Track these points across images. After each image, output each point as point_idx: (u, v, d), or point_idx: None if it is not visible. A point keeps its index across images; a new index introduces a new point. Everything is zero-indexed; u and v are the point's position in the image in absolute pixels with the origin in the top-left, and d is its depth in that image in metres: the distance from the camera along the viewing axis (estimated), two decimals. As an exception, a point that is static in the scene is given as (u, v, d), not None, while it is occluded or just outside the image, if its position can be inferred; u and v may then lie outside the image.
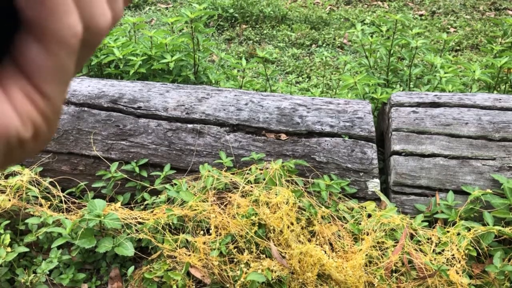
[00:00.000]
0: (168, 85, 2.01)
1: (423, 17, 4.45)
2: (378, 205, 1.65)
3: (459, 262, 1.43)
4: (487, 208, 1.55)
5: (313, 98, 1.94)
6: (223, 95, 1.93)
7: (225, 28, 4.14)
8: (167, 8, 4.66)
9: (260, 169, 1.64)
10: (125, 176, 1.75)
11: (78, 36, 0.21)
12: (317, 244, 1.48)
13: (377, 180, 1.68)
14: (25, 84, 0.21)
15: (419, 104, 1.85)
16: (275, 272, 1.40)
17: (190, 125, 1.81)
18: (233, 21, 4.23)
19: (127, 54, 2.26)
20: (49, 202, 1.68)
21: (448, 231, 1.51)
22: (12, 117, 0.21)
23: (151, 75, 2.33)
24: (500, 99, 1.83)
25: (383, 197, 1.65)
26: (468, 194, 1.59)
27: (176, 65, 2.28)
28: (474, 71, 2.18)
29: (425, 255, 1.46)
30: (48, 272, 1.53)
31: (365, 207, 1.61)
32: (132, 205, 1.70)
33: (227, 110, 1.85)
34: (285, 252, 1.44)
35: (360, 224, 1.56)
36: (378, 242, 1.49)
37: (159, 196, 1.67)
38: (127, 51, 2.25)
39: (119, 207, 1.60)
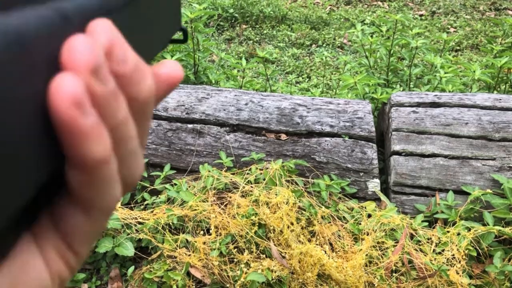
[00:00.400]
0: (168, 85, 2.01)
1: (423, 17, 4.45)
2: (378, 205, 1.65)
3: (459, 262, 1.43)
4: (487, 208, 1.55)
5: (313, 98, 1.93)
6: (223, 95, 1.93)
7: (225, 28, 4.14)
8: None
9: (260, 169, 1.64)
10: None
11: (119, 199, 0.22)
12: (317, 244, 1.48)
13: (377, 180, 1.68)
14: (60, 244, 0.21)
15: (419, 104, 1.85)
16: (275, 272, 1.40)
17: (190, 125, 1.81)
18: (233, 21, 4.23)
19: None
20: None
21: (448, 231, 1.51)
22: (44, 277, 0.21)
23: (151, 75, 2.32)
24: (500, 99, 1.83)
25: (383, 197, 1.65)
26: (468, 194, 1.59)
27: (176, 65, 2.28)
28: (474, 71, 2.18)
29: (425, 255, 1.46)
30: (48, 272, 1.53)
31: (365, 207, 1.61)
32: (132, 205, 1.70)
33: (227, 110, 1.85)
34: (285, 252, 1.44)
35: (360, 224, 1.56)
36: (378, 242, 1.49)
37: (159, 196, 1.67)
38: (127, 51, 2.25)
39: (119, 207, 1.60)
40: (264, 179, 1.59)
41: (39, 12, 0.17)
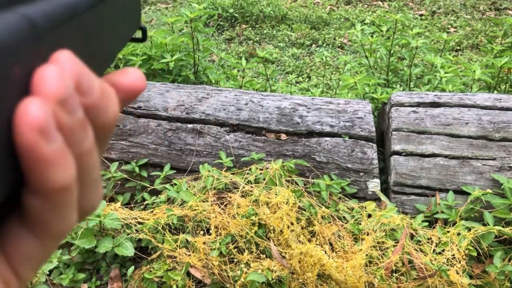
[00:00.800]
0: (168, 85, 2.01)
1: (423, 17, 4.45)
2: (378, 205, 1.65)
3: (459, 262, 1.43)
4: (487, 208, 1.55)
5: (313, 98, 1.93)
6: (223, 95, 1.93)
7: (225, 28, 4.13)
8: (167, 8, 4.66)
9: (260, 169, 1.64)
10: (125, 176, 1.74)
11: (73, 226, 0.21)
12: (317, 244, 1.48)
13: (377, 180, 1.68)
14: (3, 266, 0.20)
15: (419, 104, 1.85)
16: (275, 272, 1.40)
17: (190, 125, 1.81)
18: (233, 21, 4.23)
19: (127, 54, 2.26)
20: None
21: (448, 231, 1.51)
22: None
23: (151, 75, 2.32)
24: (500, 99, 1.83)
25: (383, 197, 1.65)
26: (468, 194, 1.59)
27: (176, 65, 2.28)
28: (474, 71, 2.17)
29: (425, 255, 1.46)
30: (48, 272, 1.53)
31: (365, 207, 1.61)
32: (132, 205, 1.70)
33: (227, 110, 1.84)
34: (285, 252, 1.44)
35: (360, 224, 1.56)
36: (378, 242, 1.49)
37: (159, 196, 1.67)
38: (127, 51, 2.25)
39: (119, 207, 1.60)
40: (264, 179, 1.59)
41: (7, 18, 0.16)
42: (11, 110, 0.17)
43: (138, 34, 0.38)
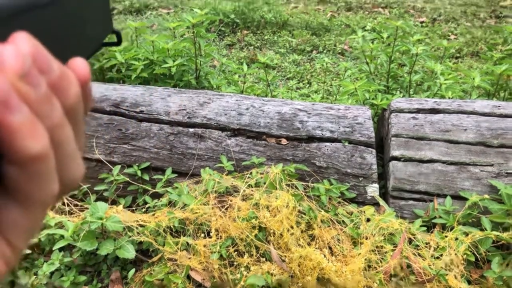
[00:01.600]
0: (170, 90, 2.03)
1: (424, 24, 4.48)
2: (377, 209, 1.66)
3: (457, 267, 1.44)
4: (485, 214, 1.56)
5: (313, 104, 1.95)
6: (225, 100, 1.95)
7: (227, 34, 4.16)
8: (168, 13, 4.69)
9: (261, 173, 1.65)
10: (127, 179, 1.76)
11: (56, 195, 0.23)
12: (316, 248, 1.49)
13: (376, 185, 1.70)
14: None
15: (418, 110, 1.87)
16: (275, 275, 1.41)
17: (191, 129, 1.83)
18: (234, 26, 4.26)
19: (129, 58, 2.29)
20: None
21: (446, 236, 1.52)
22: None
23: (153, 79, 2.35)
24: (499, 106, 1.85)
25: (381, 202, 1.67)
26: (466, 199, 1.60)
27: (178, 70, 2.30)
28: (473, 78, 2.19)
29: (423, 260, 1.47)
30: (49, 274, 1.54)
31: (364, 212, 1.62)
32: (134, 208, 1.72)
33: (229, 115, 1.86)
34: (285, 256, 1.46)
35: (359, 228, 1.58)
36: (377, 247, 1.50)
37: (160, 199, 1.68)
38: (129, 55, 2.27)
39: (121, 210, 1.62)
40: (264, 183, 1.61)
41: None
42: None
43: (113, 38, 0.39)
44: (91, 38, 0.34)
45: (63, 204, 1.71)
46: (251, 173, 1.67)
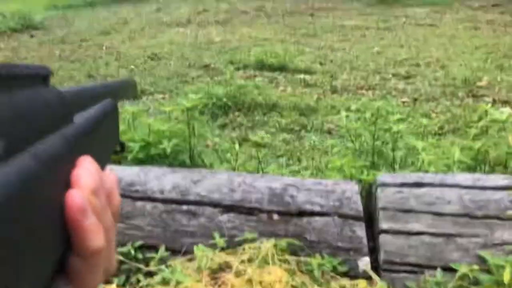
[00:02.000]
0: (164, 169, 2.11)
1: (405, 104, 4.73)
2: (370, 283, 1.67)
3: None
4: (475, 284, 1.58)
5: (303, 179, 2.03)
6: (217, 177, 2.02)
7: (219, 115, 4.35)
8: (163, 98, 4.92)
9: (253, 249, 1.68)
10: (121, 258, 1.77)
11: (101, 282, 0.31)
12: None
13: (367, 258, 1.73)
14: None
15: (403, 185, 1.95)
16: None
17: (185, 207, 1.88)
18: (226, 108, 4.46)
19: (126, 141, 2.39)
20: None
21: (439, 309, 1.53)
22: None
23: (149, 159, 2.43)
24: (479, 179, 1.94)
25: (373, 275, 1.68)
26: (456, 271, 1.63)
27: (173, 150, 2.40)
28: (454, 154, 2.31)
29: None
30: None
31: (357, 285, 1.63)
32: (127, 287, 1.71)
33: (221, 192, 1.93)
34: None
35: (352, 303, 1.58)
36: (371, 321, 1.50)
37: (153, 277, 1.69)
38: (126, 138, 2.38)
39: (114, 289, 1.61)
40: (257, 258, 1.63)
41: (52, 139, 0.26)
42: (61, 198, 0.26)
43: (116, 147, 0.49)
44: (109, 150, 0.43)
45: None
46: (243, 249, 1.70)
